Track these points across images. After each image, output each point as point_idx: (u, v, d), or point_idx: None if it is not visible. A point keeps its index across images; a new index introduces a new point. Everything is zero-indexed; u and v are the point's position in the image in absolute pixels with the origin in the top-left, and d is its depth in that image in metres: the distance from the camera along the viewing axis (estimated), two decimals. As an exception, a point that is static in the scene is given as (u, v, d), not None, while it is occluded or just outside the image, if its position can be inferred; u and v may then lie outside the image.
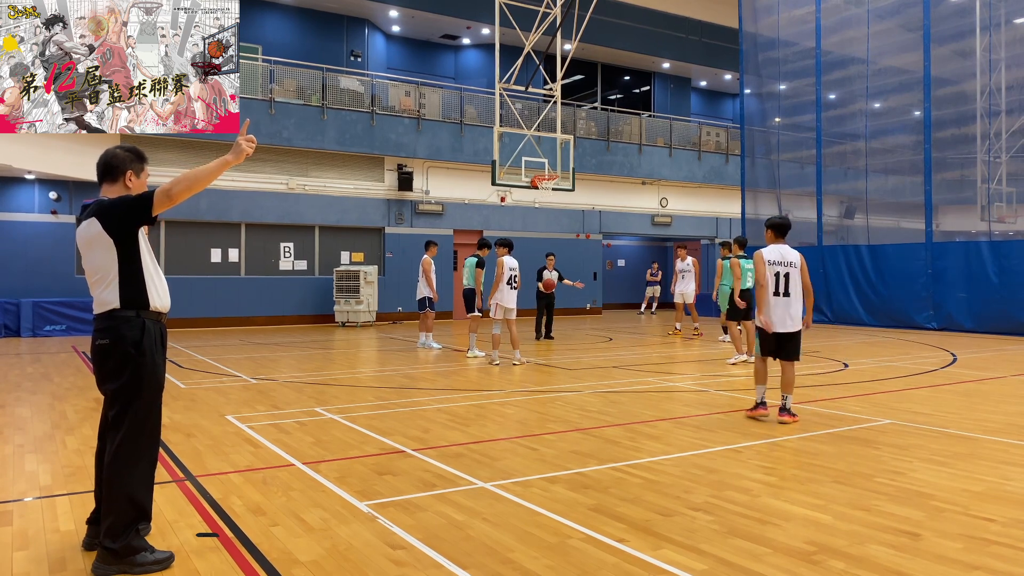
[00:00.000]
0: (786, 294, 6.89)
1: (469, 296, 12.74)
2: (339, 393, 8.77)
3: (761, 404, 7.10)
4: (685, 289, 16.84)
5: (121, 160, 3.74)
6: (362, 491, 4.75)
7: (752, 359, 11.39)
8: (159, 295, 3.74)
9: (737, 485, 4.89)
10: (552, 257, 16.39)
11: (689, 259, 16.92)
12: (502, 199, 21.30)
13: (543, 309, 16.02)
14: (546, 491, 4.76)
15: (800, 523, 4.16)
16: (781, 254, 6.97)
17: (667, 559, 3.64)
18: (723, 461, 5.52)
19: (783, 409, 6.88)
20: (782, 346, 6.95)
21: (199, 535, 3.98)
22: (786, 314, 6.90)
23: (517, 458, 5.63)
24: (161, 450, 5.87)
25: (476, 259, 12.67)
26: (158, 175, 18.39)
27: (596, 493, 4.72)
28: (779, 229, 7.12)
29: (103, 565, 3.47)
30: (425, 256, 13.98)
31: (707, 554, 3.70)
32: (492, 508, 4.42)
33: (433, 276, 13.89)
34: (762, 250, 7.03)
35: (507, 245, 11.85)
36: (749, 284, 11.32)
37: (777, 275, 6.89)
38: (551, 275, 15.67)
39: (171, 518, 4.23)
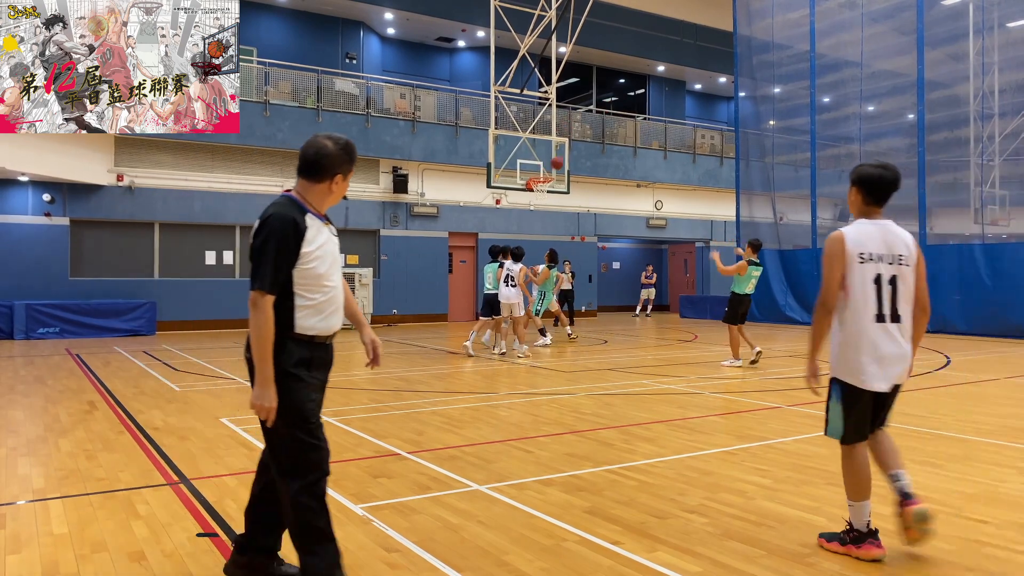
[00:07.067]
0: (895, 318, 3.73)
1: (493, 301, 13.02)
2: (333, 396, 8.75)
3: (869, 536, 3.70)
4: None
5: (333, 160, 3.19)
6: (356, 494, 4.74)
7: (740, 363, 11.29)
8: (311, 317, 3.13)
9: (732, 487, 4.89)
10: (568, 263, 19.62)
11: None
12: (497, 201, 21.31)
13: (563, 303, 19.03)
14: (541, 493, 4.76)
15: (794, 525, 4.16)
16: (885, 241, 3.75)
17: (662, 561, 3.64)
18: (718, 463, 5.52)
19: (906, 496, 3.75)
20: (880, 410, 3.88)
21: (199, 535, 3.98)
22: (898, 352, 3.75)
23: (512, 460, 5.63)
24: (155, 452, 5.87)
25: (500, 264, 13.05)
26: (158, 175, 18.39)
27: (591, 495, 4.71)
28: (874, 187, 3.77)
29: None
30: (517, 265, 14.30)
31: (702, 556, 3.70)
32: (487, 511, 4.42)
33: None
34: (845, 231, 3.78)
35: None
36: (748, 290, 11.29)
37: (878, 279, 3.73)
38: (565, 275, 18.45)
39: (165, 521, 4.22)
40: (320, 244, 3.11)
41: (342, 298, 3.27)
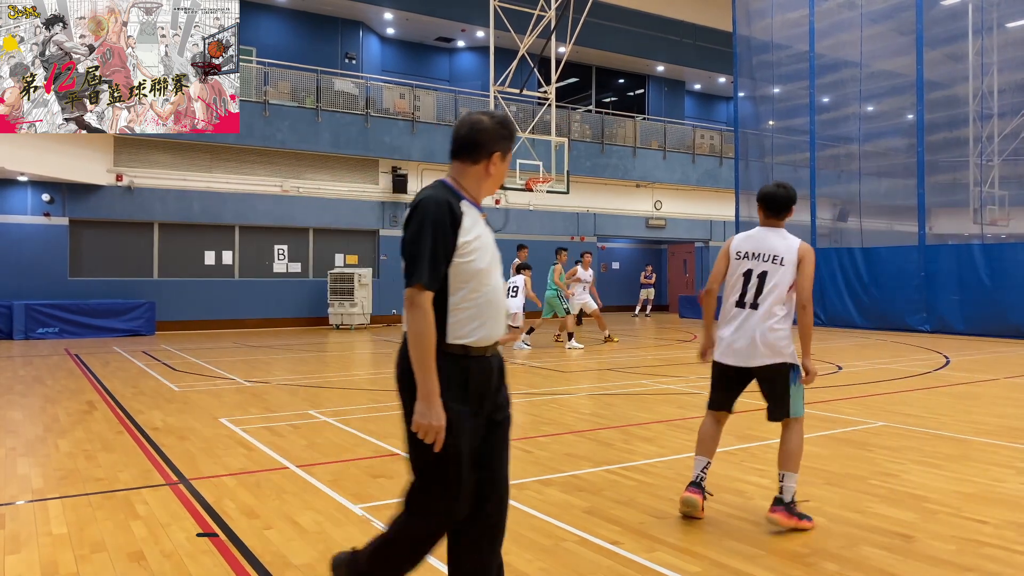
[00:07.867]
0: (754, 306, 4.36)
1: None
2: (333, 396, 8.75)
3: (692, 484, 4.35)
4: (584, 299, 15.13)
5: (490, 136, 2.72)
6: (356, 494, 4.74)
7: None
8: (468, 323, 2.65)
9: (731, 487, 4.90)
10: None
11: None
12: (497, 201, 21.30)
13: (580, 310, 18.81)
14: (540, 493, 4.76)
15: (794, 525, 4.16)
16: (767, 243, 4.46)
17: (661, 561, 3.64)
18: (717, 463, 5.51)
19: (780, 503, 4.17)
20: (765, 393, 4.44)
21: (199, 535, 3.98)
22: (741, 333, 4.39)
23: (512, 460, 5.61)
24: (154, 453, 5.87)
25: None
26: (157, 175, 18.39)
27: (590, 495, 4.71)
28: (770, 202, 4.61)
29: None
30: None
31: (701, 556, 3.70)
32: (486, 511, 4.41)
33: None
34: (736, 235, 4.71)
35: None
36: None
37: (748, 273, 4.41)
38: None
39: (164, 521, 4.22)
40: (478, 235, 2.65)
41: (504, 302, 2.80)
